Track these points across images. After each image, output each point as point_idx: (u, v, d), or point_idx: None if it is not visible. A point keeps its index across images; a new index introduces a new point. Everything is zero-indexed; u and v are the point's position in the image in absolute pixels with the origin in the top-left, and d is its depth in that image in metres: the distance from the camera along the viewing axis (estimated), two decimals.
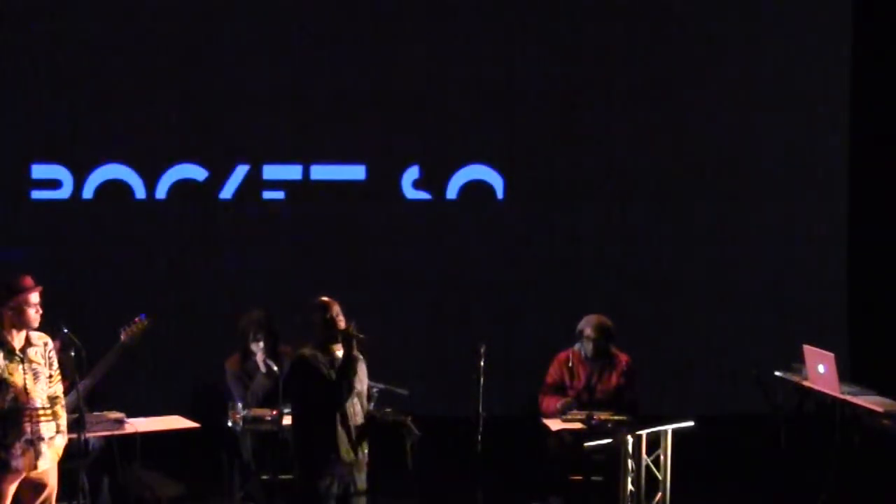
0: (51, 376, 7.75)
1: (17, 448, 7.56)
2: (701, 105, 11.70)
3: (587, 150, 11.61)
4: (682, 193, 11.68)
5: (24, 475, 7.62)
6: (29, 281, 7.67)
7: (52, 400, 7.74)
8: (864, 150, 11.71)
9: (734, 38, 11.67)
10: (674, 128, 11.68)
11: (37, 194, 11.26)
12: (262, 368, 9.41)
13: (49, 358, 7.76)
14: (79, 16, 11.17)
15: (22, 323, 7.62)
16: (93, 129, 11.25)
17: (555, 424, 9.36)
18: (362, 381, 8.20)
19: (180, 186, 11.35)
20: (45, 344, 7.78)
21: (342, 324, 8.13)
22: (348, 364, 8.02)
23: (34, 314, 7.64)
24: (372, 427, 8.21)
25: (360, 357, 8.16)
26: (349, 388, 8.02)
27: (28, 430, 7.60)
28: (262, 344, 9.45)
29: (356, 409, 8.12)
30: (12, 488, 7.62)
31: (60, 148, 11.24)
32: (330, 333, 8.10)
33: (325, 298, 8.22)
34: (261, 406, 9.26)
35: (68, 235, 11.23)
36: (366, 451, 8.19)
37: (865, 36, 11.66)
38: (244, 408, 9.18)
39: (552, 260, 11.61)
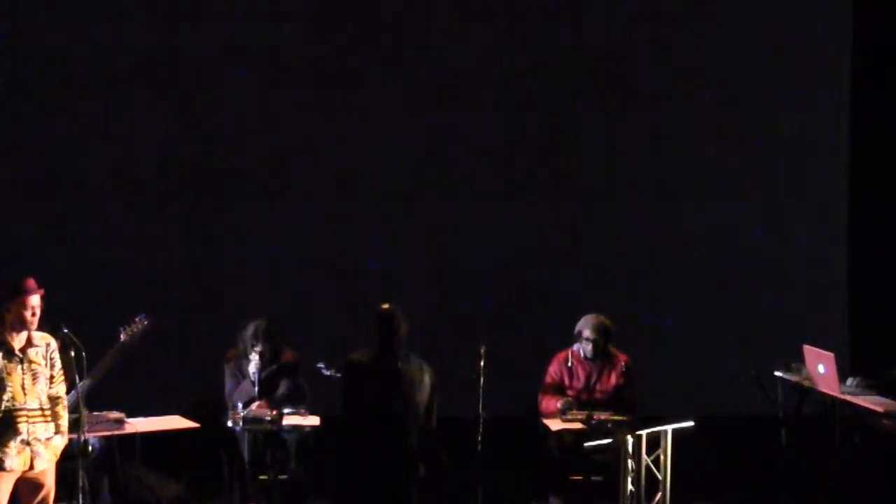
0: (52, 377, 7.75)
1: (13, 447, 7.57)
2: (701, 105, 11.69)
3: (587, 150, 11.61)
4: (681, 193, 11.68)
5: (19, 475, 7.62)
6: (30, 283, 7.69)
7: (54, 400, 7.75)
8: (864, 150, 11.71)
9: (733, 37, 11.67)
10: (673, 128, 11.68)
11: (37, 194, 11.25)
12: (251, 378, 9.47)
13: (51, 359, 7.77)
14: (78, 16, 11.16)
15: (20, 324, 7.63)
16: (93, 129, 11.24)
17: (555, 424, 9.36)
18: (420, 394, 8.10)
19: (180, 186, 11.34)
20: (48, 345, 7.79)
21: (403, 333, 8.08)
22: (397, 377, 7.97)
23: (30, 317, 7.64)
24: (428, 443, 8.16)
25: (424, 370, 8.10)
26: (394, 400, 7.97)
27: (24, 430, 7.60)
28: (257, 355, 9.50)
29: (409, 424, 8.04)
30: (8, 487, 7.62)
31: (60, 148, 11.23)
32: (386, 343, 8.05)
33: (385, 306, 8.18)
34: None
35: (68, 235, 11.23)
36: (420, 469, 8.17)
37: (866, 35, 11.66)
38: (243, 406, 9.23)
39: (552, 260, 11.61)
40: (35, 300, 7.67)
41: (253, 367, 9.50)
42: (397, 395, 7.97)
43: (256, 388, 9.41)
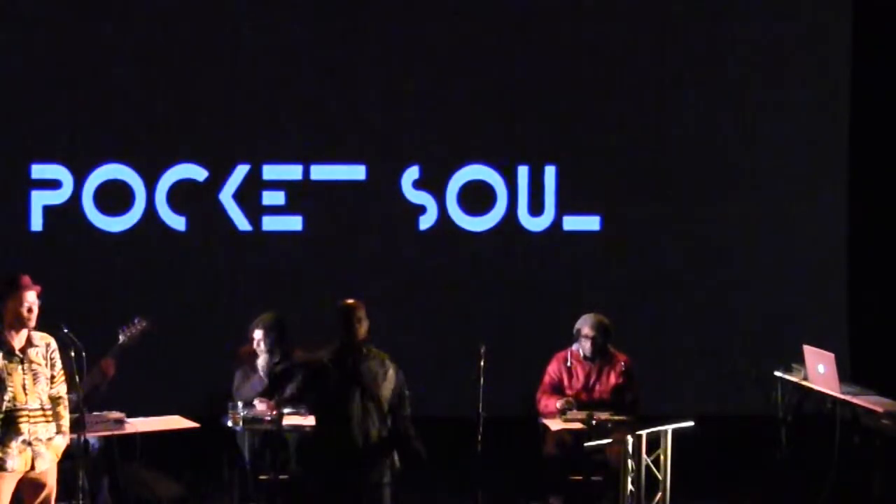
0: (53, 377, 7.74)
1: (14, 448, 7.57)
2: (701, 105, 11.68)
3: (587, 150, 11.61)
4: (681, 193, 11.67)
5: (21, 475, 7.62)
6: (26, 280, 7.66)
7: (56, 400, 7.74)
8: (864, 150, 11.71)
9: (734, 37, 11.66)
10: (674, 128, 11.67)
11: (37, 194, 11.25)
12: (261, 373, 9.48)
13: (51, 359, 7.75)
14: (79, 16, 11.17)
15: (18, 323, 7.62)
16: (93, 129, 11.25)
17: (555, 424, 9.36)
18: (383, 388, 8.08)
19: (180, 186, 11.35)
20: (48, 345, 7.77)
21: (363, 330, 8.06)
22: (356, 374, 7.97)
23: (26, 313, 7.61)
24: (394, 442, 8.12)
25: (386, 365, 8.08)
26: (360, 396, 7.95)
27: (25, 430, 7.60)
28: (265, 350, 9.50)
29: (373, 419, 8.02)
30: (10, 488, 7.62)
31: (60, 148, 11.24)
32: (347, 339, 8.03)
33: (349, 302, 8.16)
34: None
35: (68, 235, 11.23)
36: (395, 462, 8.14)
37: (866, 35, 11.66)
38: (243, 406, 9.22)
39: (552, 260, 11.61)
40: (32, 296, 7.64)
41: (261, 361, 9.50)
42: (359, 392, 7.94)
43: (266, 383, 9.38)
